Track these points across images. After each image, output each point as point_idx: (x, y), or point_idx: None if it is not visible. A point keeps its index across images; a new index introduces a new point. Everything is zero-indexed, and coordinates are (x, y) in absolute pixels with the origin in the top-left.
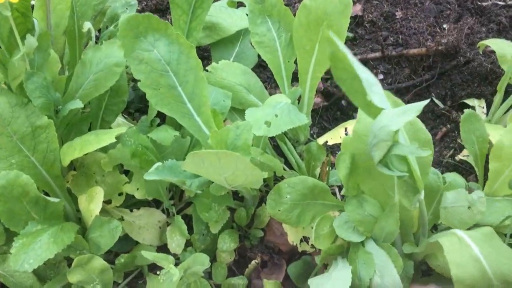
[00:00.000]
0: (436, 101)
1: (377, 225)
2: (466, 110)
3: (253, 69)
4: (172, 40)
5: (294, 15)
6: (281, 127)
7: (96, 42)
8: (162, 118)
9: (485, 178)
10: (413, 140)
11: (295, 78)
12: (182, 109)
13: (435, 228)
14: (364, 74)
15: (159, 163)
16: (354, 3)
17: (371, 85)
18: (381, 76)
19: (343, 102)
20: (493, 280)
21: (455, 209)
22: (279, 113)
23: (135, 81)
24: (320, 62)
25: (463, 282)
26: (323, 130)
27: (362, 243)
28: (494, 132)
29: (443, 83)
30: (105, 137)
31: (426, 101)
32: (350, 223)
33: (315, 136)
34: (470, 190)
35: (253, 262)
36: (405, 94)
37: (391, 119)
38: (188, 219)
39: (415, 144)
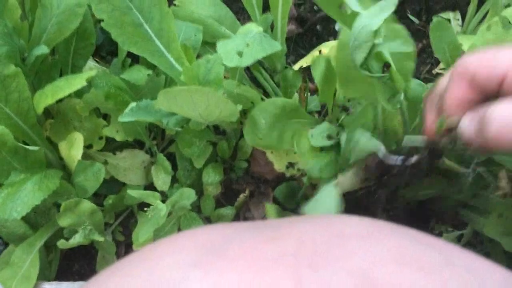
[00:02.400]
0: (411, 17)
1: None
2: (434, 18)
3: (224, 0)
4: None
5: None
6: (253, 56)
7: None
8: (135, 59)
9: None
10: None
11: (267, 7)
12: (151, 47)
13: None
14: None
15: (133, 104)
16: None
17: None
18: None
19: (318, 27)
20: None
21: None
22: (251, 42)
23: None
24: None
25: None
26: (300, 57)
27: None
28: (467, 41)
29: None
30: (76, 82)
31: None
32: (326, 131)
33: (292, 64)
34: None
35: (241, 195)
36: None
37: (370, 19)
38: (172, 157)
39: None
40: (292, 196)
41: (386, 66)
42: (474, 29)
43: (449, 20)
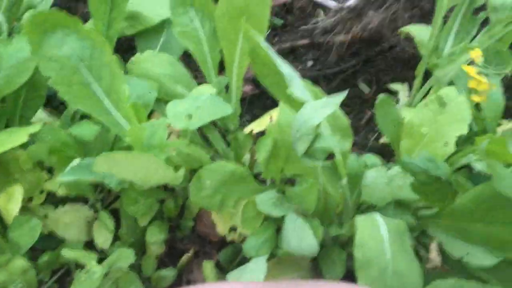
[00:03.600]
0: (362, 86)
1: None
2: (379, 96)
3: (182, 59)
4: (84, 35)
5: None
6: (202, 120)
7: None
8: None
9: None
10: (333, 127)
11: (223, 68)
12: (99, 106)
13: (362, 211)
14: (285, 68)
15: (76, 162)
16: None
17: (292, 78)
18: (310, 63)
19: None
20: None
21: (375, 185)
22: (202, 105)
23: None
24: (245, 51)
25: (361, 263)
26: (255, 118)
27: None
28: (408, 115)
29: (369, 68)
30: (18, 136)
31: (345, 93)
32: (273, 199)
33: (247, 123)
34: (389, 168)
35: (185, 255)
36: (333, 80)
37: (313, 113)
38: (118, 212)
39: (336, 131)
40: (235, 260)
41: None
42: (419, 102)
43: (397, 92)
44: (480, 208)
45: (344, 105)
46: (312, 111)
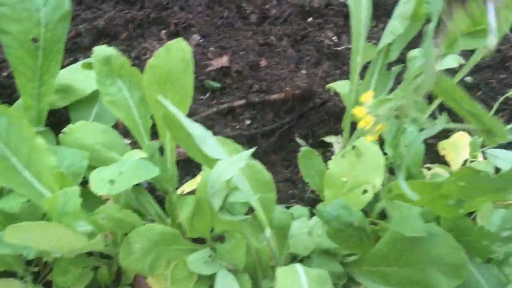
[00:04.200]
0: (299, 140)
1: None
2: (301, 149)
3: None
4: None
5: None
6: (125, 184)
7: None
8: None
9: None
10: (254, 182)
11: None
12: (18, 179)
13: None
14: (196, 130)
15: None
16: (221, 55)
17: (205, 139)
18: (248, 122)
19: None
20: None
21: (299, 236)
22: (125, 170)
23: None
24: None
25: None
26: (194, 177)
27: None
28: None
29: (304, 123)
30: None
31: (252, 149)
32: (204, 258)
33: None
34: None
35: None
36: (271, 136)
37: (225, 170)
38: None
39: (257, 186)
40: None
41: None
42: None
43: (331, 144)
44: (393, 252)
45: (282, 159)
46: (224, 167)
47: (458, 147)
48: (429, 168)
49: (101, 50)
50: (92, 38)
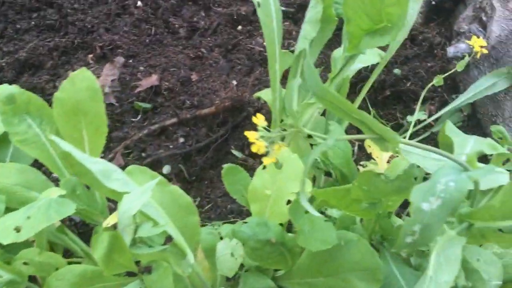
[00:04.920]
0: (235, 152)
1: None
2: (224, 166)
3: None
4: None
5: None
6: (33, 229)
7: None
8: None
9: None
10: (174, 208)
11: None
12: None
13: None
14: (97, 166)
15: None
16: (150, 74)
17: (110, 173)
18: (182, 140)
19: None
20: None
21: (223, 257)
22: (34, 213)
23: None
24: (94, 146)
25: None
26: None
27: None
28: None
29: (238, 134)
30: None
31: (158, 178)
32: None
33: None
34: None
35: None
36: (206, 151)
37: (131, 203)
38: None
39: (178, 210)
40: None
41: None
42: None
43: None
44: (315, 263)
45: (220, 174)
46: (130, 201)
47: None
48: (364, 166)
49: (3, 89)
50: (15, 71)
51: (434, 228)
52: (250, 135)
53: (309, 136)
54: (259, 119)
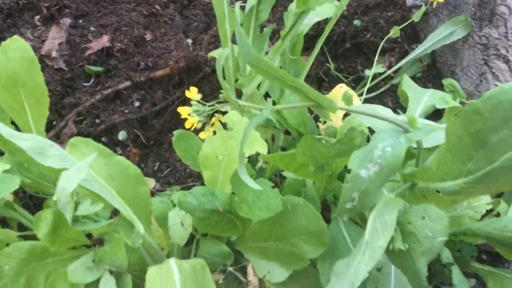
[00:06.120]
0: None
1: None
2: (175, 132)
3: None
4: None
5: None
6: None
7: None
8: None
9: None
10: (124, 178)
11: None
12: None
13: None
14: (29, 142)
15: None
16: (101, 34)
17: (44, 149)
18: (137, 104)
19: (103, 139)
20: None
21: (174, 226)
22: None
23: None
24: (38, 117)
25: None
26: None
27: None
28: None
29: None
30: None
31: (93, 155)
32: (87, 264)
33: None
34: None
35: None
36: (163, 114)
37: (68, 181)
38: None
39: (126, 181)
40: None
41: None
42: None
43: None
44: (265, 228)
45: None
46: (68, 178)
47: (337, 101)
48: (324, 122)
49: None
50: None
51: (372, 194)
52: (182, 110)
53: (267, 95)
54: (192, 93)
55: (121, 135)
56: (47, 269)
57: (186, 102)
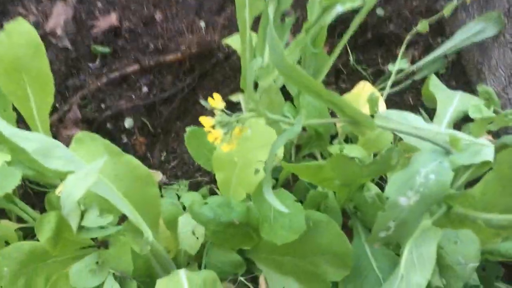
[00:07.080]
0: (203, 102)
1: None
2: (187, 129)
3: None
4: None
5: None
6: None
7: None
8: None
9: None
10: (133, 178)
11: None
12: None
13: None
14: (33, 143)
15: None
16: (109, 12)
17: (49, 150)
18: (145, 89)
19: (108, 125)
20: None
21: (185, 234)
22: None
23: None
24: (41, 105)
25: None
26: None
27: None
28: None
29: (207, 83)
30: None
31: (102, 161)
32: (90, 266)
33: None
34: None
35: None
36: (173, 101)
37: (75, 187)
38: None
39: (135, 181)
40: None
41: None
42: None
43: (239, 102)
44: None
45: (188, 126)
46: (74, 184)
47: (361, 101)
48: None
49: None
50: None
51: (410, 224)
52: (204, 121)
53: (283, 87)
54: (216, 101)
55: (127, 122)
56: (48, 270)
57: (196, 90)
